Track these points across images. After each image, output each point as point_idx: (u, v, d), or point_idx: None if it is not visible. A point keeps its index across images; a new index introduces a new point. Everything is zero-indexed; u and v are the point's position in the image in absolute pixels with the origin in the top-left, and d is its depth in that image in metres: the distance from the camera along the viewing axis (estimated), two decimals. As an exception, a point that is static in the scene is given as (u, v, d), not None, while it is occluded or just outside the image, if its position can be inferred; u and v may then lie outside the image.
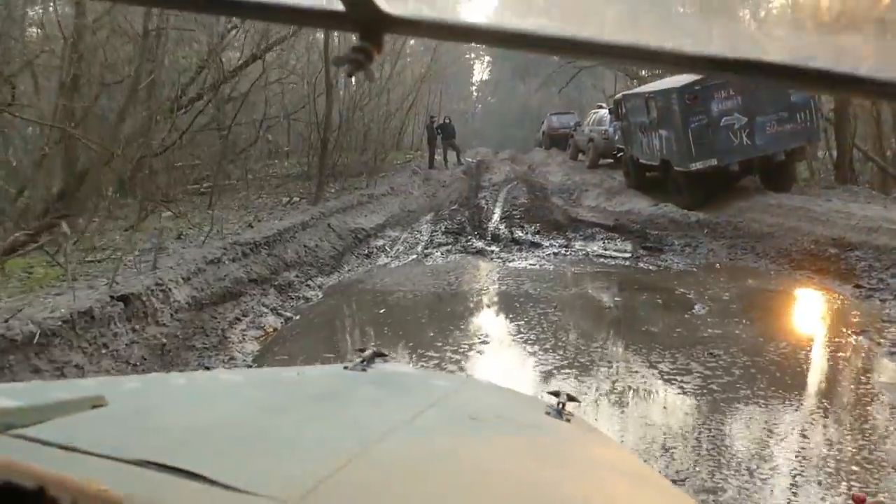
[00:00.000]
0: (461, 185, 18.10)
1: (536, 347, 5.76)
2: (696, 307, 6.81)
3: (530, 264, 9.63)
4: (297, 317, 7.00)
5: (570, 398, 1.16)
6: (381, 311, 7.28)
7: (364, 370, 1.17)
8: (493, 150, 32.09)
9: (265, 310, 6.78)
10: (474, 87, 67.39)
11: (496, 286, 8.43)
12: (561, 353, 5.57)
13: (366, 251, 10.66)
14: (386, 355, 1.31)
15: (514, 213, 13.51)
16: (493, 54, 67.57)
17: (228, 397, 0.93)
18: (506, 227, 12.23)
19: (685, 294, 7.45)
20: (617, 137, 15.92)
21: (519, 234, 11.69)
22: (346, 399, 1.01)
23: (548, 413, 1.08)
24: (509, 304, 7.48)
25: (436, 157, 21.99)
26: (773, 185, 11.96)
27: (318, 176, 12.59)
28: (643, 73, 30.14)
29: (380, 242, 11.35)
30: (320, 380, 1.16)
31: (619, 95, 16.11)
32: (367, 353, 1.24)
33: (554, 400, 1.16)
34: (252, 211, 11.57)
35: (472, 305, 7.55)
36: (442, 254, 10.45)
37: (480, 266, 9.61)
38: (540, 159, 24.03)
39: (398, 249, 11.02)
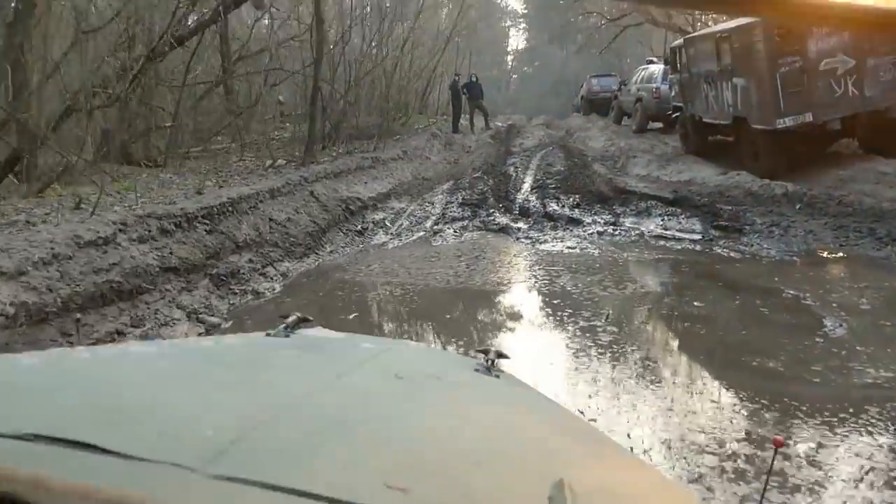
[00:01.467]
0: (488, 150, 15.70)
1: (580, 403, 3.45)
2: (828, 323, 4.43)
3: (568, 247, 7.32)
4: (228, 324, 4.82)
5: (500, 355, 1.14)
6: (352, 316, 5.08)
7: (287, 336, 1.11)
8: (526, 116, 29.43)
9: (178, 314, 4.63)
10: (510, 56, 64.59)
11: (521, 279, 6.16)
12: (624, 422, 3.26)
13: (358, 226, 8.45)
14: (311, 320, 1.23)
15: (549, 181, 11.13)
16: (530, 20, 64.80)
17: (137, 369, 0.89)
18: (537, 199, 9.88)
19: (799, 298, 5.08)
20: (673, 94, 13.28)
21: (554, 207, 9.34)
22: (265, 364, 0.96)
23: (476, 370, 1.06)
24: (537, 312, 5.24)
25: (461, 120, 19.58)
26: (878, 147, 9.32)
27: (308, 135, 10.33)
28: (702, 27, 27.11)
29: (378, 216, 9.12)
30: (239, 347, 1.12)
31: (679, 41, 13.44)
32: (291, 318, 1.17)
33: (483, 357, 1.13)
34: (225, 175, 9.42)
35: (482, 313, 5.32)
36: (455, 231, 8.19)
37: (502, 249, 7.34)
38: (578, 124, 21.40)
39: (401, 225, 8.78)
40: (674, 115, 13.58)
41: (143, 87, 13.52)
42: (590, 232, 8.06)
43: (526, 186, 11.07)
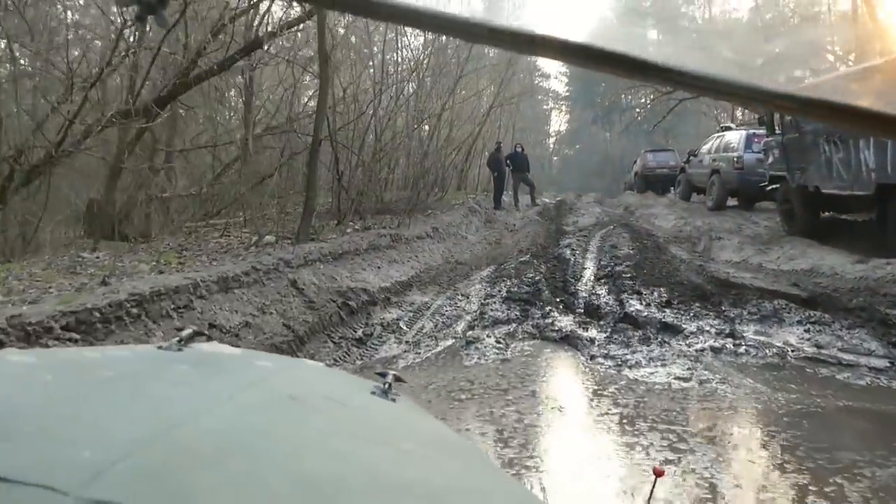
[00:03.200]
0: (536, 229, 13.23)
1: None
2: None
3: (677, 377, 4.66)
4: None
5: (398, 378, 1.11)
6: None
7: (180, 350, 1.05)
8: (574, 193, 27.10)
9: None
10: (552, 139, 63.59)
11: (608, 455, 3.46)
12: None
13: (359, 331, 5.93)
14: (206, 334, 1.16)
15: (619, 269, 8.53)
16: (572, 102, 63.96)
17: (9, 380, 0.81)
18: (609, 293, 7.29)
19: None
20: (770, 160, 10.66)
21: (635, 305, 6.72)
22: (152, 380, 0.90)
23: (373, 393, 1.04)
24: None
25: (504, 196, 17.30)
26: None
27: (305, 205, 8.02)
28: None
29: (391, 314, 6.60)
30: (126, 360, 1.03)
31: None
32: (186, 332, 1.11)
33: (381, 380, 1.10)
34: (194, 253, 7.10)
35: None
36: (498, 341, 5.63)
37: (570, 378, 4.72)
38: (637, 202, 18.88)
39: (422, 329, 6.24)
40: (769, 188, 10.95)
41: (137, 151, 11.67)
42: (699, 347, 5.40)
43: (588, 274, 8.49)
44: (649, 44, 45.38)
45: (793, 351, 5.24)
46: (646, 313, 6.38)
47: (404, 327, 6.27)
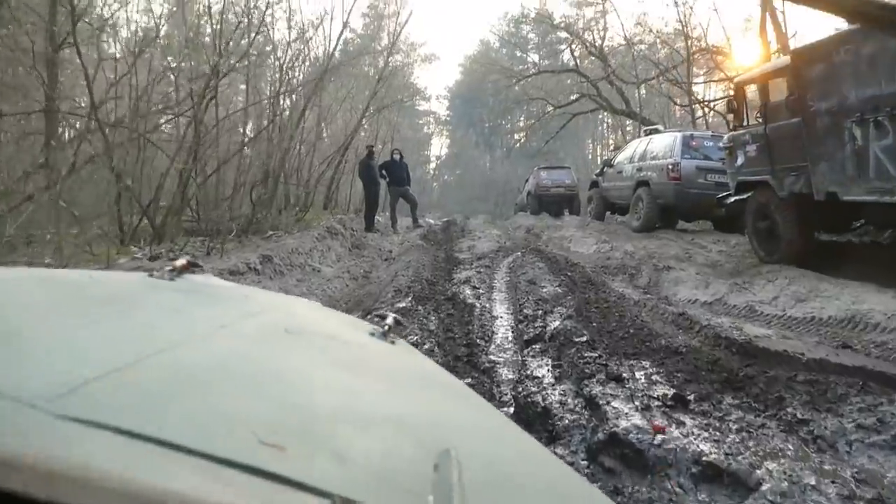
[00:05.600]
0: (420, 257, 9.70)
1: None
2: None
3: None
4: None
5: (398, 322, 1.09)
6: None
7: (172, 280, 0.99)
8: (462, 214, 24.00)
9: None
10: (432, 163, 61.42)
11: None
12: None
13: None
14: (201, 266, 1.09)
15: (553, 320, 5.27)
16: (454, 125, 62.14)
17: None
18: (558, 377, 3.88)
19: None
20: (738, 162, 7.72)
21: (617, 407, 3.31)
22: (141, 305, 0.85)
23: (372, 334, 1.02)
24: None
25: (378, 215, 13.74)
26: None
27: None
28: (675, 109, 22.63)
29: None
30: (115, 284, 0.99)
31: (757, 69, 8.16)
32: (180, 262, 1.05)
33: (381, 323, 1.08)
34: None
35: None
36: None
37: None
38: (537, 223, 15.91)
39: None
40: (731, 200, 8.11)
41: None
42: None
43: (507, 331, 5.15)
44: (531, 67, 43.69)
45: None
46: (650, 435, 3.00)
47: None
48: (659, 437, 2.98)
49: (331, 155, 20.02)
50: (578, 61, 23.60)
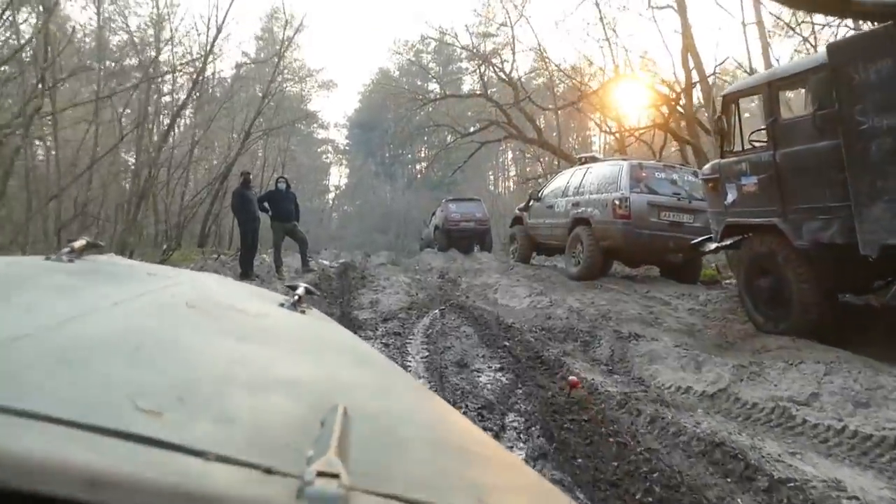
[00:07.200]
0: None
1: None
2: None
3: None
4: None
5: (309, 291, 1.08)
6: None
7: (71, 261, 0.95)
8: (361, 252, 21.58)
9: None
10: (331, 194, 59.01)
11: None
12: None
13: None
14: (102, 246, 1.08)
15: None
16: (353, 153, 60.21)
17: None
18: None
19: None
20: (728, 200, 5.84)
21: None
22: (31, 286, 0.80)
23: (282, 305, 1.01)
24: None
25: (262, 254, 11.20)
26: None
27: None
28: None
29: None
30: (7, 267, 0.93)
31: (760, 74, 6.45)
32: (79, 243, 1.01)
33: (291, 292, 1.07)
34: None
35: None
36: None
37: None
38: (449, 265, 13.81)
39: None
40: (714, 247, 6.32)
41: None
42: None
43: None
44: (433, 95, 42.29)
45: None
46: None
47: None
48: None
49: (209, 183, 17.25)
50: (486, 86, 21.97)
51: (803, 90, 5.28)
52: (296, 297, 1.02)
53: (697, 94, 15.47)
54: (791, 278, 5.28)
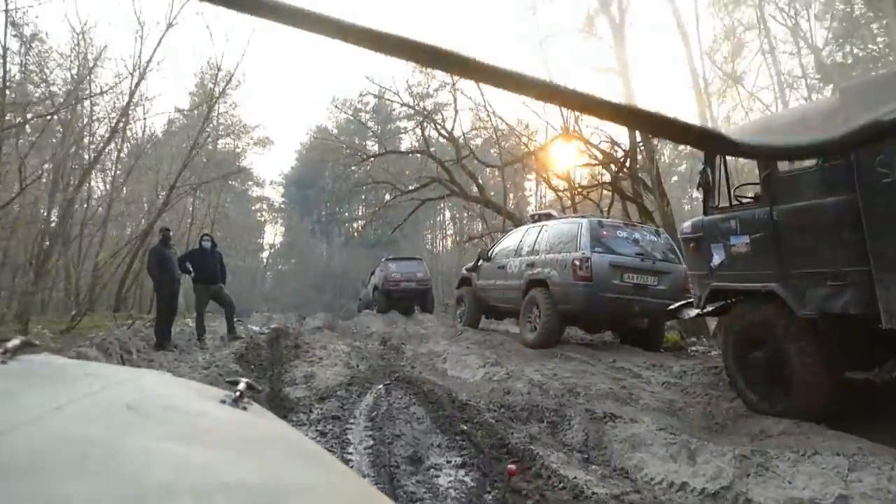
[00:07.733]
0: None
1: None
2: None
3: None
4: None
5: (250, 386, 1.01)
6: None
7: (4, 363, 0.87)
8: (296, 314, 20.30)
9: None
10: (265, 252, 57.48)
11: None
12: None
13: None
14: (36, 345, 0.98)
15: None
16: (289, 212, 59.24)
17: None
18: None
19: None
20: (715, 262, 5.19)
21: None
22: None
23: (223, 402, 0.92)
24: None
25: (183, 318, 9.98)
26: None
27: None
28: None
29: None
30: None
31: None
32: (12, 342, 0.93)
33: (233, 389, 0.98)
34: None
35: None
36: None
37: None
38: (392, 327, 12.84)
39: None
40: (696, 314, 5.67)
41: None
42: None
43: None
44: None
45: None
46: None
47: None
48: None
49: (128, 241, 15.89)
50: (427, 143, 21.52)
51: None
52: (237, 394, 0.94)
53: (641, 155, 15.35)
54: (792, 352, 4.63)
